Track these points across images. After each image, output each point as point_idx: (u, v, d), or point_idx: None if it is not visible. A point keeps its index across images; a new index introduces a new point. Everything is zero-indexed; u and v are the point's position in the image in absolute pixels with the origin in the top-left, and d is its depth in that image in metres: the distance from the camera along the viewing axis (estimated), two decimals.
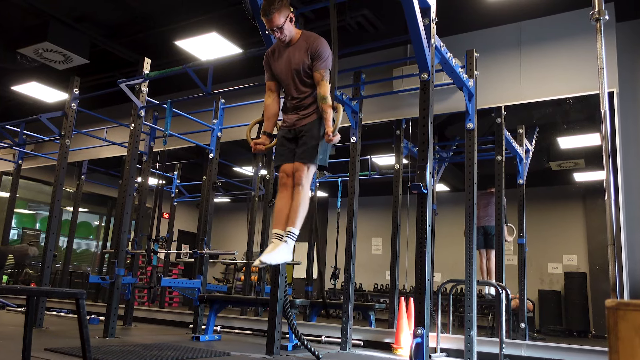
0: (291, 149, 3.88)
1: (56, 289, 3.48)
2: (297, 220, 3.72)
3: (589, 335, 8.05)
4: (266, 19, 3.68)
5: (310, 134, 3.78)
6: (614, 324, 1.81)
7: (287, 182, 3.84)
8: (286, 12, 3.70)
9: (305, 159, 3.76)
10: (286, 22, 3.71)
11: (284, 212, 3.78)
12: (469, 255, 4.96)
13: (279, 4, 3.66)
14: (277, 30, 3.72)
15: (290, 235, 3.70)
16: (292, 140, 3.90)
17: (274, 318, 4.72)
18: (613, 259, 2.86)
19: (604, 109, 3.09)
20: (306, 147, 3.76)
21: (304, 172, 3.74)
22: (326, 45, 3.81)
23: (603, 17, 3.20)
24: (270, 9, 3.65)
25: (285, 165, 3.87)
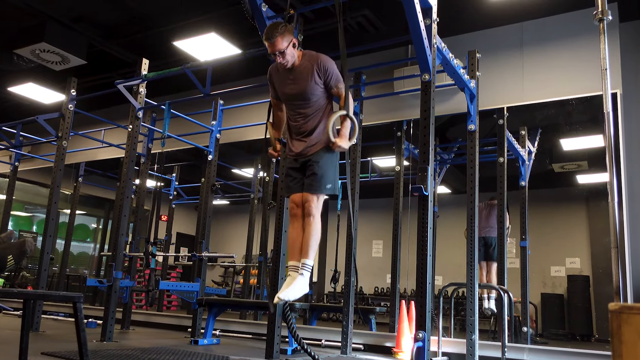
0: (298, 178, 3.85)
1: (53, 292, 3.46)
2: (311, 251, 3.73)
3: (592, 339, 8.02)
4: (268, 42, 3.63)
5: (318, 163, 3.74)
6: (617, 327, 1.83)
7: (297, 213, 3.82)
8: (289, 37, 3.64)
9: (313, 189, 3.73)
10: (289, 47, 3.65)
11: (297, 243, 3.78)
12: (471, 258, 4.93)
13: (283, 28, 3.62)
14: (279, 55, 3.65)
15: (306, 267, 3.70)
16: (298, 170, 3.86)
17: (273, 322, 4.69)
18: (616, 262, 2.77)
19: (607, 110, 3.01)
20: (314, 177, 3.72)
21: (313, 203, 3.71)
22: (330, 60, 3.79)
23: (606, 17, 3.11)
24: (274, 32, 3.59)
25: (294, 196, 3.85)
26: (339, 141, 3.66)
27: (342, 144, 3.68)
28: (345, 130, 3.73)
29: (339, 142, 3.66)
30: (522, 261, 6.78)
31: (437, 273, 7.67)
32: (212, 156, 7.07)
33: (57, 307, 8.62)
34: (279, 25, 3.64)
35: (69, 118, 6.91)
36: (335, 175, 3.83)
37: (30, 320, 3.45)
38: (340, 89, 3.77)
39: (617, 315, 1.85)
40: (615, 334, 1.84)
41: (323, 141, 3.77)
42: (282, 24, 3.65)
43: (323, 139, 3.77)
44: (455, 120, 7.22)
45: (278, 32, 3.59)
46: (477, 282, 4.94)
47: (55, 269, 10.70)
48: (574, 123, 7.20)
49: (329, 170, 3.75)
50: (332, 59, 3.81)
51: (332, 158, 3.79)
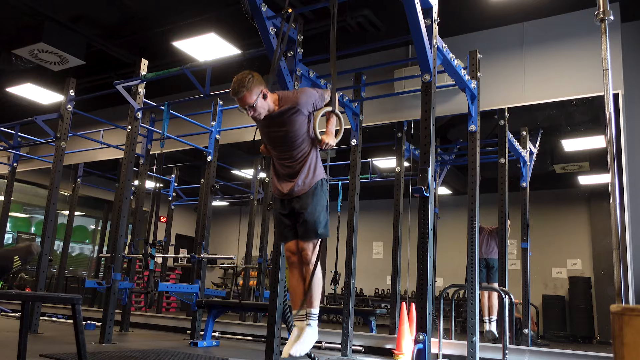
0: (290, 226, 3.79)
1: (51, 294, 3.50)
2: (315, 300, 3.71)
3: (593, 341, 7.99)
4: (236, 97, 3.51)
5: (307, 210, 3.67)
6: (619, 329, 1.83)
7: (294, 261, 3.79)
8: (258, 89, 3.49)
9: (309, 237, 3.69)
10: (259, 100, 3.51)
11: (298, 290, 3.75)
12: (472, 259, 4.91)
13: (250, 82, 3.47)
14: (249, 109, 3.53)
15: (312, 317, 3.70)
16: (288, 216, 3.79)
17: (273, 324, 4.63)
18: (618, 264, 2.77)
19: (609, 111, 3.01)
20: (307, 226, 3.67)
21: (310, 250, 3.69)
22: (307, 91, 3.70)
23: (608, 17, 3.12)
24: (239, 88, 3.46)
25: (289, 245, 3.81)
26: (326, 138, 3.61)
27: (329, 140, 3.61)
28: (331, 126, 3.69)
29: (326, 139, 3.60)
30: (523, 262, 6.77)
31: (438, 275, 7.63)
32: (211, 157, 7.05)
33: (56, 309, 8.60)
34: (245, 78, 3.49)
35: (67, 119, 6.90)
36: (326, 217, 3.77)
37: (28, 322, 3.46)
38: (327, 99, 3.72)
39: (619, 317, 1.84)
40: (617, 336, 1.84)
41: (310, 183, 3.70)
42: (249, 77, 3.50)
43: (310, 181, 3.70)
44: (456, 121, 7.24)
45: (245, 87, 3.45)
46: (478, 285, 4.91)
47: (53, 270, 10.61)
48: (576, 124, 7.16)
49: (320, 214, 3.69)
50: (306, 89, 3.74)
51: (320, 199, 3.72)
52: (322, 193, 3.74)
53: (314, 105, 3.67)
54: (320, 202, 3.71)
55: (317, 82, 5.07)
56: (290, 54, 4.65)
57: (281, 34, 4.19)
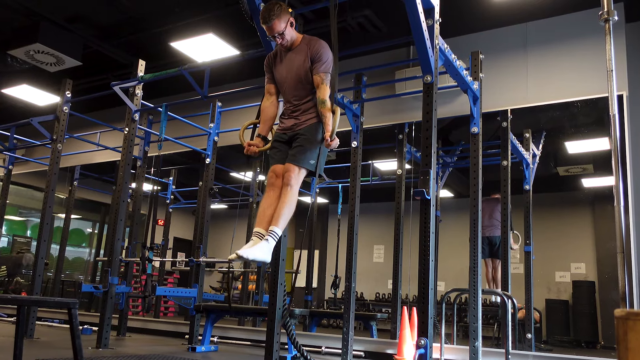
0: (283, 150, 3.84)
1: (48, 298, 3.54)
2: (281, 220, 3.63)
3: (597, 346, 7.97)
4: (266, 26, 3.67)
5: (307, 136, 3.74)
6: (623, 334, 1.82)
7: (275, 183, 3.78)
8: (286, 17, 3.68)
9: (297, 160, 3.70)
10: (287, 28, 3.70)
11: (267, 212, 3.70)
12: (474, 263, 4.91)
13: (278, 9, 3.64)
14: (278, 37, 3.70)
15: (273, 234, 3.59)
16: (286, 143, 3.87)
17: (272, 328, 4.64)
18: (622, 268, 2.81)
19: (613, 112, 3.04)
20: (300, 149, 3.71)
21: (294, 173, 3.68)
22: (327, 48, 3.78)
23: (612, 17, 3.15)
24: (270, 15, 3.63)
25: (275, 166, 3.82)
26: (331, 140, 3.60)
27: (334, 141, 3.61)
28: (329, 124, 3.66)
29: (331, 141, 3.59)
30: (526, 266, 6.75)
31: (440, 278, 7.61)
32: (209, 159, 7.04)
33: (52, 314, 8.60)
34: (274, 6, 3.65)
35: (63, 120, 6.92)
36: (322, 158, 3.81)
37: (24, 326, 3.48)
38: (323, 79, 3.71)
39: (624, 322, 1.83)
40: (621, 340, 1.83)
41: (315, 118, 3.77)
42: (277, 5, 3.66)
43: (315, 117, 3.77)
44: (458, 122, 7.22)
45: (274, 14, 3.62)
46: (480, 288, 4.89)
47: (49, 274, 10.66)
48: (579, 125, 7.16)
49: (314, 147, 3.73)
50: (328, 48, 3.79)
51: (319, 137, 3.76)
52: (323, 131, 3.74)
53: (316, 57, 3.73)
54: (319, 137, 3.75)
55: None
56: None
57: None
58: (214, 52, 7.53)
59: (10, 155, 9.01)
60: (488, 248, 7.46)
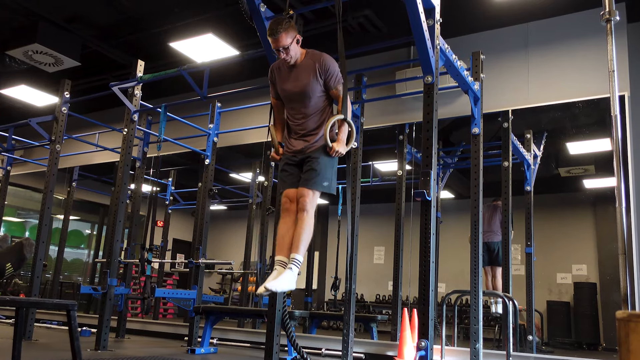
0: (295, 174, 3.80)
1: (46, 299, 3.54)
2: (301, 246, 3.64)
3: (599, 347, 7.95)
4: (272, 38, 3.60)
5: (318, 159, 3.70)
6: (625, 336, 1.83)
7: (289, 208, 3.77)
8: (293, 33, 3.63)
9: (311, 184, 3.68)
10: (293, 43, 3.64)
11: (286, 239, 3.71)
12: (475, 265, 4.89)
13: (287, 24, 3.60)
14: (282, 51, 3.64)
15: (295, 262, 3.62)
16: (296, 165, 3.82)
17: (272, 330, 4.64)
18: (624, 269, 2.80)
19: (615, 113, 3.02)
20: (313, 173, 3.68)
21: (308, 198, 3.66)
22: (333, 61, 3.76)
23: (614, 17, 3.13)
24: (278, 28, 3.57)
25: (288, 191, 3.79)
26: (336, 146, 3.62)
27: (340, 148, 3.64)
28: (342, 134, 3.69)
29: (336, 147, 3.62)
30: (528, 268, 6.73)
31: (440, 280, 7.62)
32: (209, 160, 7.02)
33: (51, 315, 8.58)
34: (282, 20, 3.61)
35: (62, 121, 6.89)
36: (333, 175, 3.79)
37: (22, 328, 3.48)
38: (339, 90, 3.73)
39: (625, 324, 1.84)
40: (623, 342, 1.83)
41: (322, 141, 3.72)
42: (286, 19, 3.63)
43: (322, 140, 3.72)
44: (459, 123, 7.20)
45: (282, 28, 3.56)
46: (481, 289, 4.89)
47: (48, 276, 10.65)
48: (581, 126, 7.14)
49: (327, 168, 3.71)
50: (333, 60, 3.77)
51: (331, 157, 3.74)
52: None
53: (329, 73, 3.70)
54: (330, 158, 3.73)
55: None
56: None
57: None
58: (214, 52, 7.52)
59: (8, 156, 8.98)
60: (487, 255, 7.41)
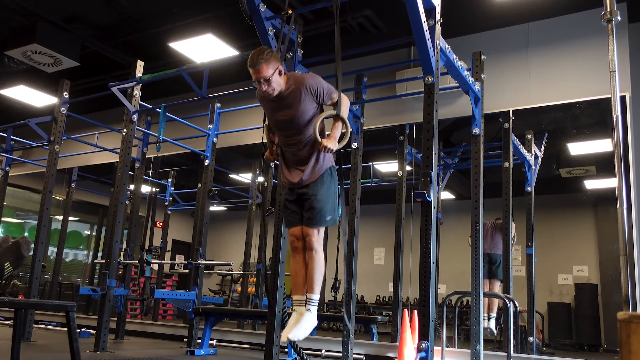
0: (297, 212, 3.74)
1: (45, 301, 3.55)
2: (316, 286, 3.66)
3: (600, 349, 7.90)
4: (253, 69, 3.44)
5: (316, 196, 3.63)
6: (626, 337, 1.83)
7: (298, 246, 3.74)
8: (275, 64, 3.46)
9: (314, 223, 3.64)
10: (274, 75, 3.47)
11: (299, 277, 3.72)
12: (475, 265, 4.87)
13: (268, 55, 3.43)
14: (263, 83, 3.47)
15: (312, 302, 3.65)
16: (295, 202, 3.75)
17: (272, 331, 4.60)
18: (625, 270, 2.79)
19: (616, 113, 3.01)
20: (313, 211, 3.62)
21: (314, 237, 3.64)
22: (316, 77, 3.65)
23: (615, 17, 3.10)
24: (258, 59, 3.41)
25: (293, 229, 3.76)
26: (326, 142, 3.51)
27: (329, 144, 3.50)
28: (335, 131, 3.58)
29: (326, 143, 3.50)
30: (529, 269, 6.72)
31: (441, 281, 7.61)
32: (208, 161, 7.01)
33: (49, 317, 8.56)
34: (264, 51, 3.46)
35: (61, 121, 6.87)
36: (334, 205, 3.72)
37: (21, 329, 3.47)
38: (334, 98, 3.65)
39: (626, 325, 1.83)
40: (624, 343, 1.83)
41: (319, 170, 3.66)
42: (268, 50, 3.48)
43: (319, 168, 3.66)
44: (459, 123, 7.19)
45: (263, 59, 3.40)
46: (482, 291, 4.88)
47: (47, 277, 10.61)
48: (582, 127, 7.13)
49: (327, 202, 3.64)
50: (316, 75, 3.68)
51: (329, 187, 3.68)
52: (332, 180, 3.69)
53: (319, 93, 3.59)
54: (329, 189, 3.67)
55: None
56: (290, 56, 4.65)
57: (281, 36, 4.15)
58: (213, 52, 7.50)
59: (7, 156, 8.98)
60: (487, 266, 7.34)
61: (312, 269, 3.63)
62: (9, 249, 3.55)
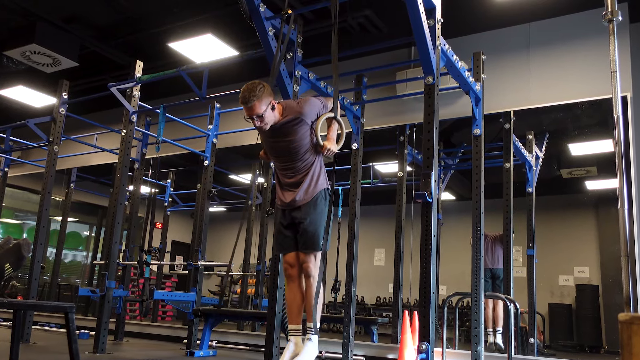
0: (290, 237, 3.75)
1: (44, 302, 3.54)
2: (317, 314, 3.63)
3: (601, 350, 7.91)
4: (245, 106, 3.48)
5: (309, 220, 3.64)
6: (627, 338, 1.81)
7: (292, 274, 3.73)
8: (268, 100, 3.49)
9: (309, 248, 3.63)
10: (267, 110, 3.49)
11: (294, 306, 3.70)
12: (476, 266, 4.85)
13: (260, 91, 3.45)
14: (257, 119, 3.50)
15: (312, 331, 3.64)
16: (288, 227, 3.76)
17: (271, 333, 4.55)
18: (627, 271, 2.79)
19: (617, 114, 2.98)
20: (308, 236, 3.62)
21: (311, 263, 3.63)
22: (309, 100, 3.69)
23: (616, 17, 3.08)
24: (250, 96, 3.44)
25: (287, 256, 3.75)
26: (327, 144, 3.55)
27: (331, 146, 3.57)
28: (332, 133, 3.65)
29: (328, 145, 3.55)
30: (529, 270, 6.70)
31: (441, 282, 7.60)
32: (208, 161, 6.99)
33: (48, 318, 8.54)
34: (256, 87, 3.46)
35: (60, 122, 6.85)
36: (328, 229, 3.69)
37: (20, 331, 3.47)
38: (329, 105, 3.68)
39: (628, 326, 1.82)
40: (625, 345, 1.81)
41: (312, 192, 3.66)
42: (260, 86, 3.48)
43: (312, 190, 3.67)
44: (460, 124, 7.17)
45: (255, 96, 3.42)
46: (483, 293, 4.85)
47: (46, 278, 10.58)
48: (583, 127, 7.11)
49: (320, 225, 3.64)
50: (310, 98, 3.70)
51: (322, 211, 3.68)
52: (325, 204, 3.69)
53: (318, 114, 3.64)
54: (322, 213, 3.67)
55: (317, 84, 5.00)
56: (290, 56, 4.62)
57: (281, 36, 4.15)
58: (213, 52, 7.49)
59: (6, 157, 8.97)
60: (491, 281, 7.35)
61: (310, 296, 3.58)
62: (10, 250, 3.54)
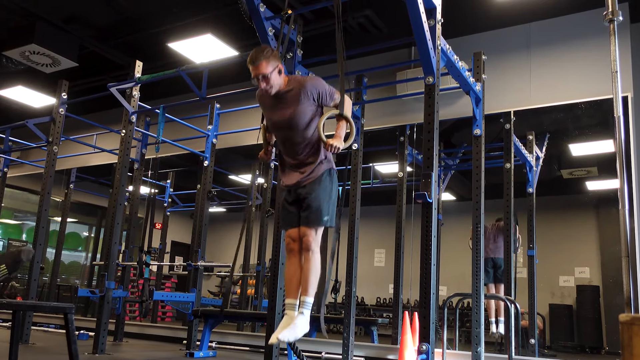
0: (294, 212, 3.71)
1: (43, 303, 3.54)
2: (310, 288, 3.58)
3: (602, 351, 7.91)
4: (252, 65, 3.47)
5: (314, 195, 3.59)
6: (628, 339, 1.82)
7: (293, 248, 3.69)
8: (275, 63, 3.48)
9: (312, 223, 3.58)
10: (274, 73, 3.48)
11: (294, 280, 3.64)
12: (476, 267, 4.86)
13: (268, 52, 3.46)
14: (262, 80, 3.48)
15: (306, 305, 3.56)
16: (293, 204, 3.72)
17: (271, 333, 4.52)
18: (627, 272, 2.78)
19: (618, 114, 2.98)
20: (311, 210, 3.58)
21: (312, 237, 3.58)
22: (317, 79, 3.67)
23: (617, 17, 3.08)
24: (258, 55, 3.44)
25: (290, 231, 3.71)
26: (332, 141, 3.47)
27: (336, 143, 3.46)
28: (340, 130, 3.55)
29: (332, 142, 3.46)
30: (530, 271, 6.71)
31: (442, 283, 7.60)
32: (208, 162, 6.98)
33: (48, 319, 8.55)
34: (265, 48, 3.49)
35: (59, 122, 6.86)
36: (332, 207, 3.68)
37: (19, 331, 3.46)
38: (337, 99, 3.63)
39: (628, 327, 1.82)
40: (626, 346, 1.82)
41: (318, 168, 3.63)
42: (269, 48, 3.50)
43: (317, 169, 3.63)
44: (460, 124, 7.16)
45: (263, 56, 3.43)
46: (483, 293, 4.85)
47: (45, 278, 10.60)
48: (583, 127, 7.11)
49: (324, 201, 3.60)
50: (318, 77, 3.69)
51: (327, 187, 3.64)
52: (330, 182, 3.64)
53: (320, 95, 3.57)
54: (327, 189, 3.63)
55: None
56: (290, 56, 4.62)
57: (281, 36, 4.14)
58: (213, 52, 7.48)
59: (5, 157, 8.97)
60: (492, 271, 7.33)
61: (307, 270, 3.56)
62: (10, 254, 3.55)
